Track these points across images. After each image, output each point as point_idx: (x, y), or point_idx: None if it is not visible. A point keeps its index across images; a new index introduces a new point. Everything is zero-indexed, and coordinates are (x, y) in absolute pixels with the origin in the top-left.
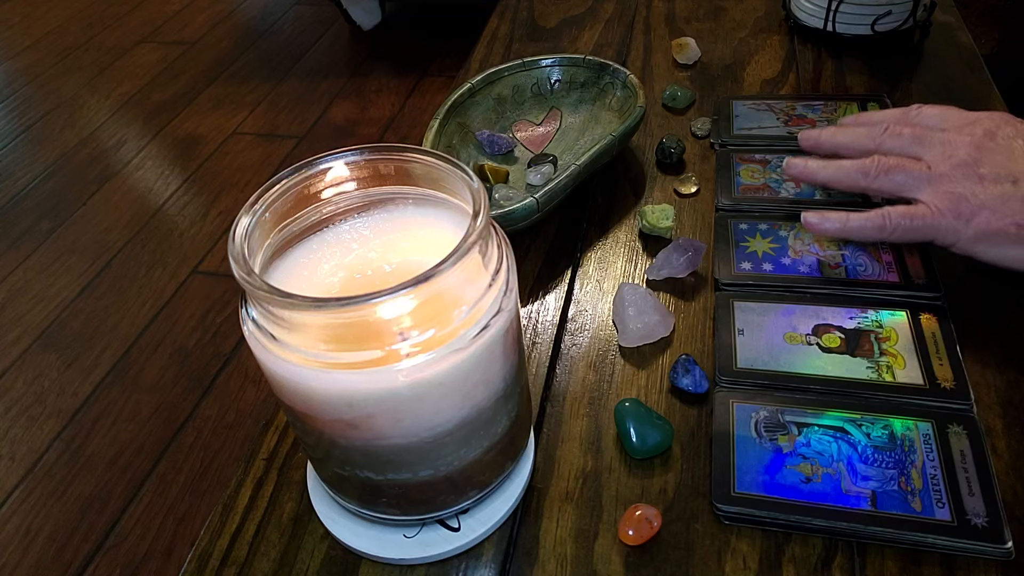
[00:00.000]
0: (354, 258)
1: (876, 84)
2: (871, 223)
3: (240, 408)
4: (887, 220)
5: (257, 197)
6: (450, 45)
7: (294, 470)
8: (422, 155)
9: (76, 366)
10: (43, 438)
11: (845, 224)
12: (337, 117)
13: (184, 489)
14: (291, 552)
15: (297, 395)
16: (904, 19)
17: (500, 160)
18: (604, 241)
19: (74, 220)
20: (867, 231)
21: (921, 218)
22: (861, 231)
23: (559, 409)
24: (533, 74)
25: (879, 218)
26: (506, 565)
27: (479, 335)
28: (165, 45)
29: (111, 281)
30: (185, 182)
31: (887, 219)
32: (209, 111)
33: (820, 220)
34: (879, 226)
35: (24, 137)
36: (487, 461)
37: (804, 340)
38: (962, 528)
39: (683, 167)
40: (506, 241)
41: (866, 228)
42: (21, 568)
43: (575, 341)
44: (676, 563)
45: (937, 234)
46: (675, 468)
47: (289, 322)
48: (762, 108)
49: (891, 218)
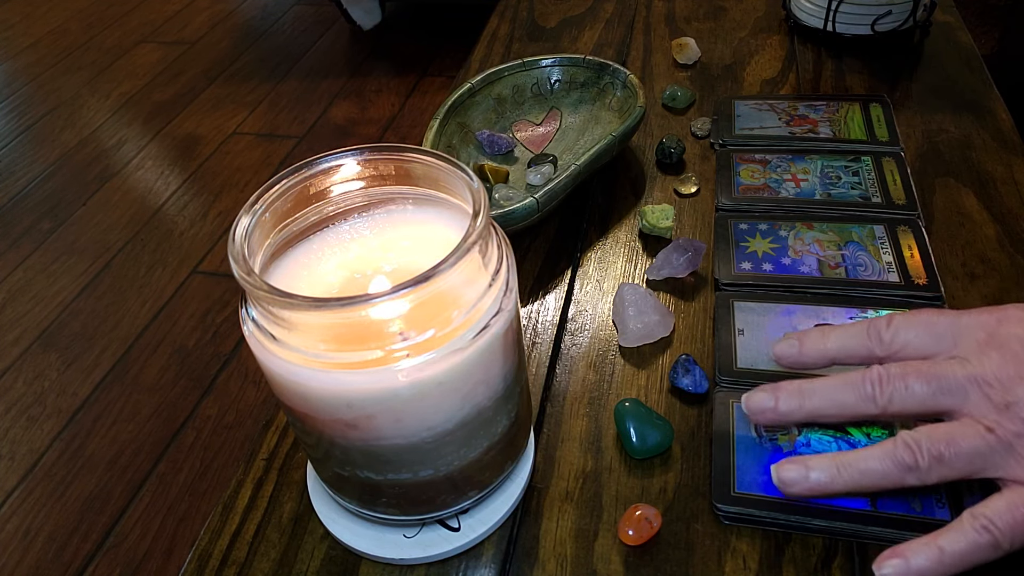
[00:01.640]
0: (354, 258)
1: (876, 84)
2: (975, 544)
3: (240, 408)
4: (995, 533)
5: (257, 197)
6: (450, 45)
7: (294, 470)
8: (422, 155)
9: (76, 366)
10: (43, 438)
11: (941, 560)
12: (337, 117)
13: (184, 489)
14: (291, 552)
15: (297, 395)
16: (904, 19)
17: (500, 160)
18: (604, 241)
19: (74, 220)
20: (974, 557)
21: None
22: (966, 560)
23: (559, 409)
24: (533, 74)
25: (982, 534)
26: (506, 565)
27: (479, 335)
28: (165, 45)
29: (111, 281)
30: (185, 182)
31: (994, 531)
32: (209, 111)
33: (904, 568)
34: (990, 544)
35: (24, 137)
36: (487, 461)
37: None
38: None
39: (683, 167)
40: (506, 241)
41: (972, 555)
42: (21, 568)
43: (575, 341)
44: (676, 563)
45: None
46: (675, 468)
47: (289, 322)
48: (764, 108)
49: (997, 527)
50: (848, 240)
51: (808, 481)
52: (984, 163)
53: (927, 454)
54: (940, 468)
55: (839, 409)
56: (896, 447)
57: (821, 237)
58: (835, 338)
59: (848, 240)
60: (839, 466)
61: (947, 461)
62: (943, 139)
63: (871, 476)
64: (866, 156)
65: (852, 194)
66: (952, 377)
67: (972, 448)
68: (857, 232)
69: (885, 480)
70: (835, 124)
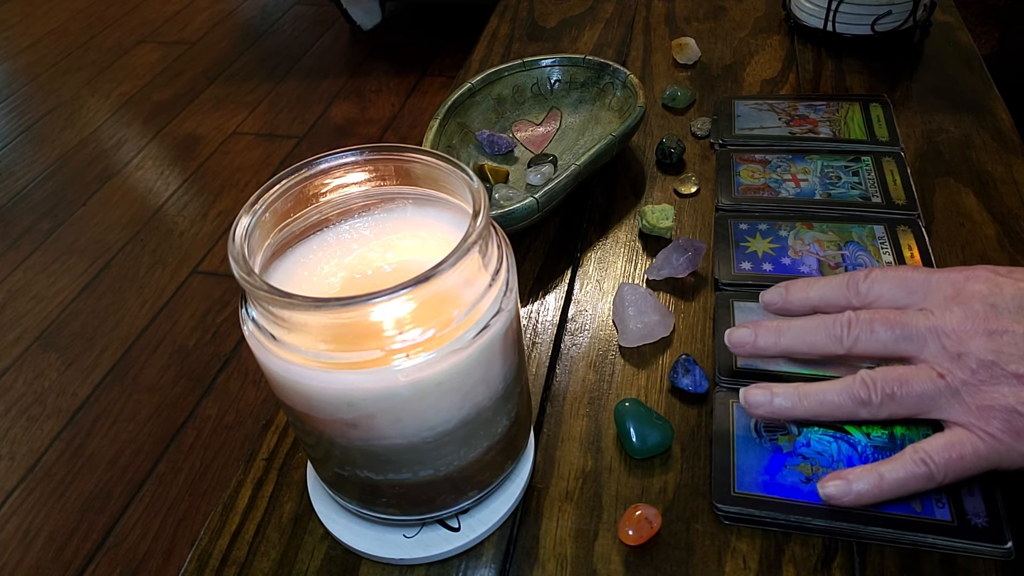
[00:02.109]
0: (354, 258)
1: (876, 84)
2: (912, 475)
3: (240, 408)
4: (931, 466)
5: (257, 197)
6: (450, 45)
7: (294, 470)
8: (422, 155)
9: (76, 366)
10: (43, 438)
11: (880, 486)
12: (337, 117)
13: (184, 489)
14: (291, 552)
15: (297, 395)
16: (904, 19)
17: (500, 160)
18: (604, 241)
19: (74, 220)
20: (910, 485)
21: (972, 448)
22: (902, 487)
23: (559, 409)
24: (533, 74)
25: (920, 465)
26: (506, 565)
27: (479, 335)
28: (165, 45)
29: (111, 281)
30: (185, 182)
31: (930, 464)
32: (209, 111)
33: (845, 489)
34: (925, 475)
35: (24, 137)
36: (487, 461)
37: None
38: (962, 528)
39: (683, 167)
40: (506, 241)
41: (908, 482)
42: (21, 568)
43: (575, 341)
44: (676, 563)
45: (1000, 462)
46: (675, 468)
47: (289, 322)
48: (764, 108)
49: (934, 461)
50: (848, 240)
51: (772, 405)
52: (984, 163)
53: (880, 391)
54: (891, 405)
55: (809, 347)
56: (854, 382)
57: (821, 237)
58: (818, 288)
59: (848, 240)
60: (801, 395)
61: (897, 399)
62: (943, 139)
63: (828, 407)
64: (866, 156)
65: (852, 194)
66: (914, 326)
67: (922, 390)
68: (857, 232)
69: (840, 411)
70: (835, 124)
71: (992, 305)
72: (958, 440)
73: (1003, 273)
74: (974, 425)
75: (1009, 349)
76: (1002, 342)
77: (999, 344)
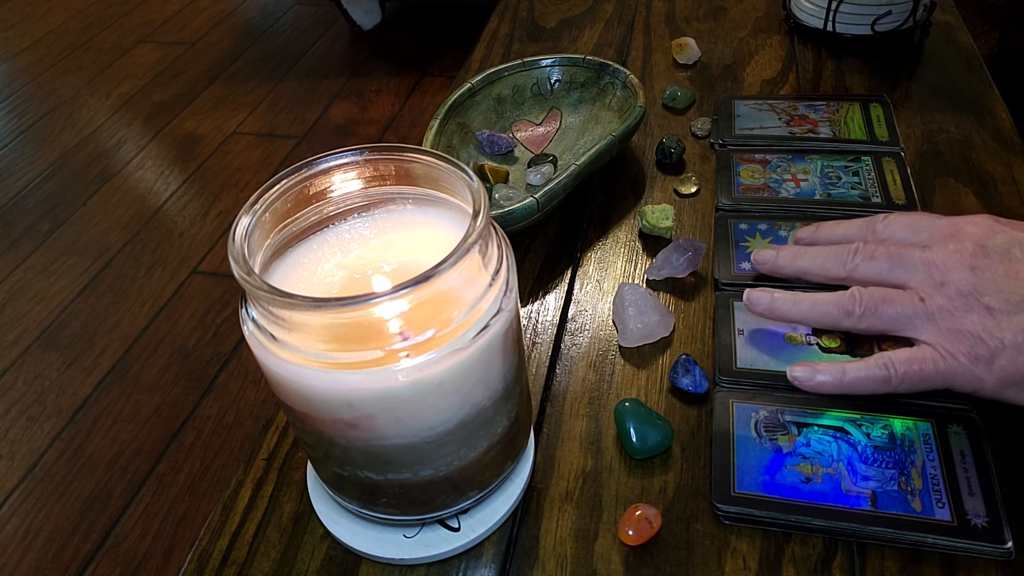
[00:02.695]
0: (354, 258)
1: (876, 84)
2: (872, 376)
3: (240, 408)
4: (891, 371)
5: (257, 197)
6: (450, 45)
7: (294, 470)
8: (422, 155)
9: (76, 366)
10: (43, 438)
11: (842, 380)
12: (337, 117)
13: (184, 489)
14: (291, 552)
15: (297, 395)
16: (904, 19)
17: (500, 160)
18: (604, 241)
19: (74, 220)
20: (868, 384)
21: (932, 364)
22: (860, 385)
23: (559, 409)
24: (533, 74)
25: (881, 369)
26: (506, 565)
27: (479, 335)
28: (165, 45)
29: (111, 281)
30: (185, 182)
31: (891, 369)
32: (209, 111)
33: (810, 375)
34: (883, 378)
35: (24, 137)
36: (487, 461)
37: (804, 340)
38: (962, 528)
39: (683, 167)
40: (506, 241)
41: (866, 382)
42: (21, 568)
43: (575, 341)
44: (676, 563)
45: (954, 381)
46: (675, 468)
47: (289, 322)
48: (764, 108)
49: (895, 368)
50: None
51: (772, 303)
52: (984, 163)
53: (864, 305)
54: (870, 318)
55: (820, 269)
56: (845, 295)
57: None
58: (844, 228)
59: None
60: (797, 298)
61: (878, 315)
62: (943, 139)
63: (818, 311)
64: (866, 156)
65: (852, 194)
66: (910, 257)
67: (901, 310)
68: None
69: (827, 318)
70: (835, 124)
71: (982, 245)
72: (922, 356)
73: (1003, 222)
74: (940, 345)
75: (986, 284)
76: (982, 277)
77: (979, 278)
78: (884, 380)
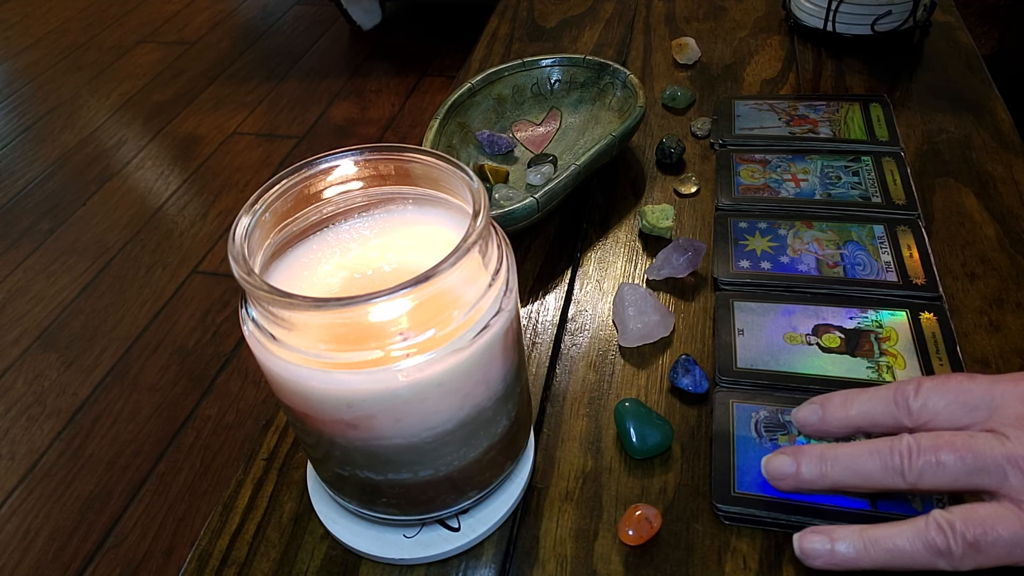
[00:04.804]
0: (354, 258)
1: (876, 84)
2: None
3: (240, 408)
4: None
5: (257, 197)
6: (450, 45)
7: (294, 470)
8: (422, 155)
9: (76, 366)
10: (43, 438)
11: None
12: (337, 117)
13: (184, 489)
14: (291, 552)
15: (297, 395)
16: (904, 19)
17: (500, 160)
18: (604, 241)
19: (74, 220)
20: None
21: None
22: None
23: (559, 409)
24: (533, 74)
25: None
26: (506, 565)
27: (479, 335)
28: (165, 45)
29: (111, 281)
30: (185, 182)
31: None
32: (209, 111)
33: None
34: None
35: (24, 137)
36: (487, 461)
37: (804, 340)
38: None
39: (683, 167)
40: (506, 241)
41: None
42: (21, 568)
43: (575, 341)
44: (676, 563)
45: None
46: (675, 468)
47: (289, 322)
48: (764, 108)
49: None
50: (847, 239)
51: (833, 556)
52: (984, 163)
53: (960, 539)
54: (975, 556)
55: (864, 480)
56: (928, 527)
57: (820, 236)
58: (859, 404)
59: (847, 239)
60: (867, 541)
61: (983, 548)
62: (943, 139)
63: (900, 557)
64: (866, 156)
65: (852, 194)
66: (989, 455)
67: (1012, 536)
68: (856, 232)
69: (915, 562)
70: (835, 124)
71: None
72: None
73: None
74: None
75: None
76: None
77: None
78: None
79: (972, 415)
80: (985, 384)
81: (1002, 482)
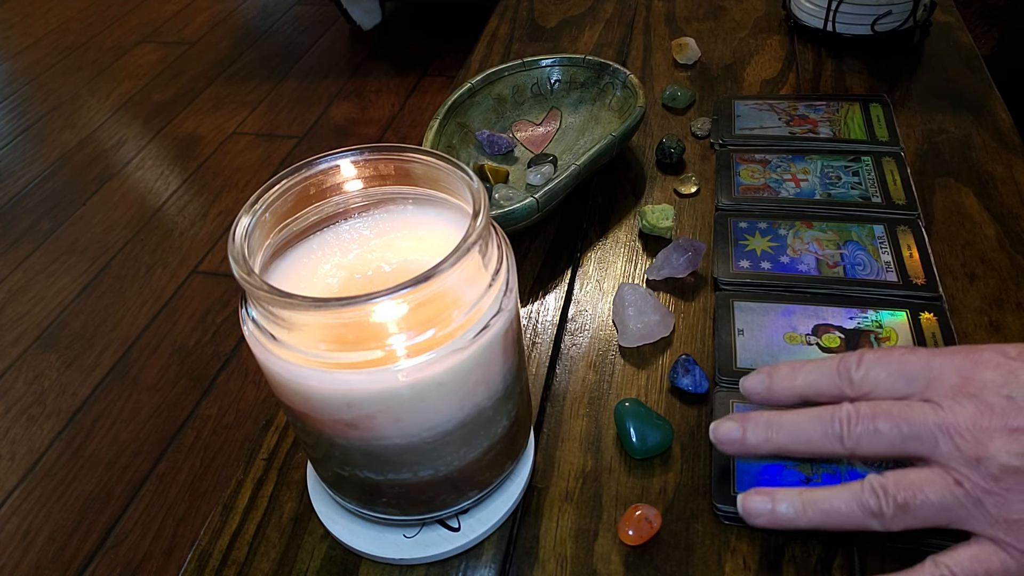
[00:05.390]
0: (354, 258)
1: (876, 84)
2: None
3: (240, 408)
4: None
5: (257, 197)
6: (450, 45)
7: (294, 470)
8: (422, 155)
9: (76, 366)
10: (43, 438)
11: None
12: (337, 117)
13: (184, 489)
14: (291, 552)
15: (297, 395)
16: (904, 19)
17: (500, 160)
18: (604, 241)
19: (74, 220)
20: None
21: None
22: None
23: (559, 409)
24: (533, 74)
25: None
26: (506, 565)
27: (479, 335)
28: (165, 45)
29: (111, 281)
30: (185, 182)
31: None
32: (209, 111)
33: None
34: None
35: (24, 137)
36: (487, 461)
37: (804, 340)
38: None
39: (683, 167)
40: (506, 241)
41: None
42: (21, 568)
43: (575, 341)
44: (676, 563)
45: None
46: (675, 468)
47: (289, 322)
48: (764, 108)
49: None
50: (847, 239)
51: (773, 514)
52: (984, 163)
53: (892, 501)
54: (904, 517)
55: (805, 445)
56: (863, 491)
57: (820, 236)
58: (805, 374)
59: (847, 239)
60: (805, 502)
61: (912, 511)
62: (943, 139)
63: (835, 517)
64: (866, 156)
65: (852, 194)
66: (922, 423)
67: (939, 500)
68: (856, 232)
69: (849, 523)
70: (835, 124)
71: (1008, 397)
72: (985, 555)
73: (1014, 356)
74: (1003, 540)
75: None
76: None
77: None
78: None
79: (911, 386)
80: (924, 357)
81: (934, 449)
